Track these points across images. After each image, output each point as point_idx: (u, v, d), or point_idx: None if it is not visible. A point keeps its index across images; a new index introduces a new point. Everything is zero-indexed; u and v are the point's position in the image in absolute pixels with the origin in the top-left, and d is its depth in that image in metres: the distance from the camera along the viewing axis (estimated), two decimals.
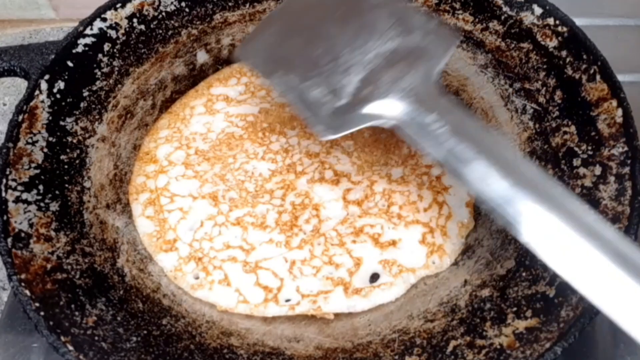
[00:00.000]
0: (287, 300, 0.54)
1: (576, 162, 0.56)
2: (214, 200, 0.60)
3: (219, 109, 0.67)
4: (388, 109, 0.51)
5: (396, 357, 0.50)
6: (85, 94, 0.61)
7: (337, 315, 0.54)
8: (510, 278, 0.52)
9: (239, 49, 0.62)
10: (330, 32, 0.58)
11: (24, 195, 0.52)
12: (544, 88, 0.61)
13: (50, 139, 0.57)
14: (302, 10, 0.61)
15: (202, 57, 0.70)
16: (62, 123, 0.58)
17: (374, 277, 0.56)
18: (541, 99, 0.61)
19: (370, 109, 0.52)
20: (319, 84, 0.55)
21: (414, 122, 0.49)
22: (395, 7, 0.58)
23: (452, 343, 0.49)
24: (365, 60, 0.54)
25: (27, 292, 0.47)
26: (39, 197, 0.53)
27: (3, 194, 0.51)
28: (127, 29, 0.64)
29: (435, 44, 0.55)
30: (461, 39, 0.67)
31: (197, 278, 0.56)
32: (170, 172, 0.62)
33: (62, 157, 0.57)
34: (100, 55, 0.62)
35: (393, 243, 0.57)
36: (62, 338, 0.45)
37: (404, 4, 0.60)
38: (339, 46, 0.56)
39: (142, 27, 0.65)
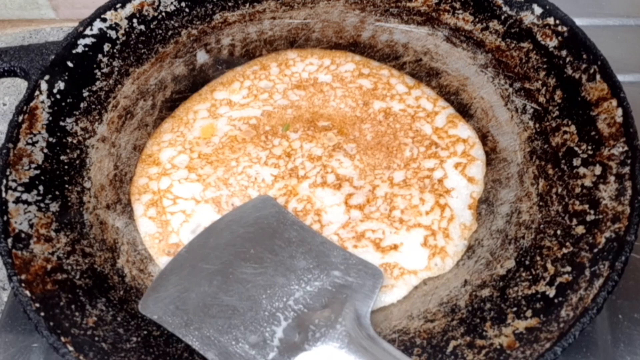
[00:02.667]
0: None
1: (576, 161, 0.56)
2: (217, 206, 0.60)
3: (222, 114, 0.67)
4: (321, 357, 0.46)
5: None
6: (85, 94, 0.61)
7: None
8: (510, 278, 0.52)
9: (141, 301, 0.52)
10: (244, 274, 0.52)
11: (24, 196, 0.52)
12: (544, 88, 0.61)
13: (50, 139, 0.57)
14: (209, 252, 0.55)
15: (202, 57, 0.70)
16: (62, 123, 0.58)
17: None
18: (541, 99, 0.61)
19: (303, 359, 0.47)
20: (240, 337, 0.49)
21: None
22: (312, 243, 0.55)
23: (452, 343, 0.49)
24: (289, 305, 0.50)
25: (28, 292, 0.47)
26: (39, 198, 0.53)
27: (3, 195, 0.51)
28: (127, 29, 0.64)
29: (359, 282, 0.52)
30: (462, 39, 0.68)
31: None
32: (173, 175, 0.62)
33: (62, 157, 0.57)
34: (100, 56, 0.62)
35: (394, 247, 0.57)
36: (62, 338, 0.45)
37: (319, 238, 0.55)
38: (257, 290, 0.51)
39: (142, 27, 0.65)
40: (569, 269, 0.49)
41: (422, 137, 0.64)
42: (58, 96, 0.58)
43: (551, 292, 0.49)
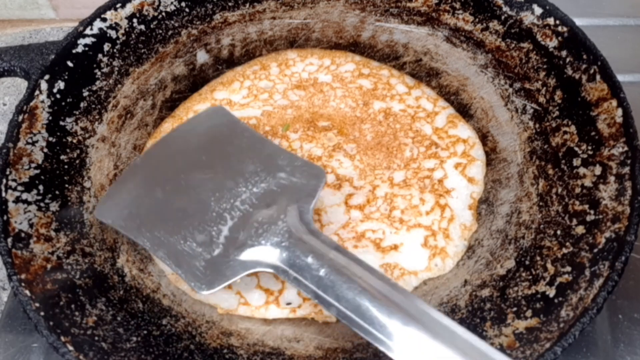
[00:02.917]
0: (288, 304, 0.54)
1: (576, 162, 0.56)
2: None
3: None
4: (264, 255, 0.48)
5: None
6: (85, 94, 0.61)
7: None
8: (510, 278, 0.52)
9: (96, 208, 0.55)
10: (195, 180, 0.55)
11: (24, 196, 0.52)
12: (544, 88, 0.61)
13: (50, 139, 0.57)
14: (163, 160, 0.58)
15: (202, 57, 0.70)
16: (62, 123, 0.58)
17: None
18: (541, 99, 0.61)
19: (245, 256, 0.49)
20: (188, 236, 0.51)
21: (292, 267, 0.47)
22: (260, 149, 0.57)
23: None
24: (235, 206, 0.52)
25: (27, 292, 0.47)
26: (39, 197, 0.53)
27: (3, 194, 0.51)
28: (127, 29, 0.64)
29: (303, 182, 0.53)
30: (462, 40, 0.68)
31: None
32: None
33: (62, 157, 0.57)
34: (100, 55, 0.62)
35: (395, 247, 0.57)
36: (62, 338, 0.45)
37: (268, 144, 0.58)
38: (206, 194, 0.54)
39: (142, 27, 0.65)
40: (569, 269, 0.49)
41: (422, 137, 0.64)
42: (58, 96, 0.58)
43: (551, 292, 0.49)
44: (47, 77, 0.58)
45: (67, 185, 0.56)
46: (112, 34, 0.63)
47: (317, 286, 0.45)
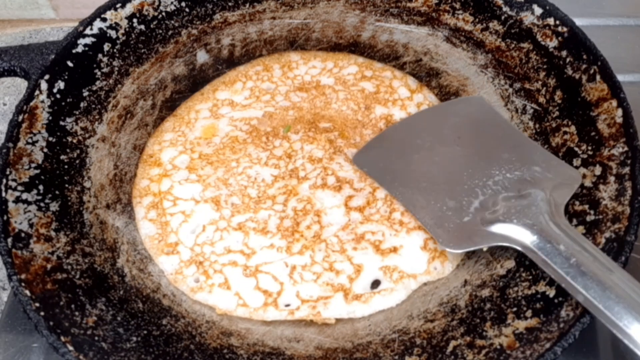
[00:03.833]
0: (287, 305, 0.54)
1: (576, 162, 0.56)
2: (216, 205, 0.60)
3: (224, 114, 0.67)
4: (515, 233, 0.50)
5: (396, 357, 0.50)
6: (85, 94, 0.61)
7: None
8: (510, 278, 0.52)
9: (355, 155, 0.62)
10: (449, 154, 0.59)
11: (24, 195, 0.52)
12: (544, 88, 0.61)
13: (50, 139, 0.57)
14: (422, 129, 0.62)
15: (202, 57, 0.70)
16: (62, 123, 0.58)
17: (375, 283, 0.55)
18: (541, 99, 0.61)
19: (495, 229, 0.51)
20: (439, 200, 0.55)
21: (541, 250, 0.48)
22: (517, 141, 0.59)
23: (452, 343, 0.49)
24: (487, 185, 0.55)
25: (27, 292, 0.47)
26: (39, 197, 0.53)
27: (3, 194, 0.51)
28: (127, 29, 0.64)
29: (558, 180, 0.54)
30: (462, 40, 0.68)
31: (197, 281, 0.56)
32: (174, 176, 0.62)
33: (62, 157, 0.57)
34: (100, 55, 0.62)
35: (394, 250, 0.57)
36: (62, 338, 0.45)
37: (525, 140, 0.60)
38: (459, 167, 0.57)
39: (142, 27, 0.65)
40: None
41: None
42: (58, 96, 0.58)
43: (551, 292, 0.48)
44: (47, 77, 0.58)
45: (67, 185, 0.56)
46: (112, 34, 0.63)
47: (566, 273, 0.46)
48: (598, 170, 0.53)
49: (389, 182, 0.59)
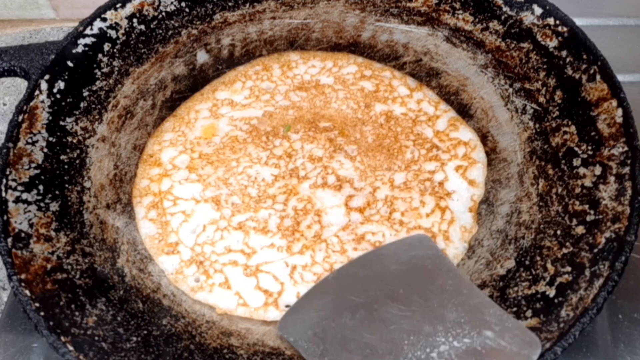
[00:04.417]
0: (287, 305, 0.54)
1: (576, 162, 0.56)
2: (216, 205, 0.60)
3: (224, 114, 0.67)
4: None
5: None
6: (85, 94, 0.61)
7: None
8: (510, 278, 0.52)
9: (280, 320, 0.52)
10: (389, 314, 0.50)
11: (24, 195, 0.52)
12: (544, 88, 0.61)
13: (50, 139, 0.57)
14: (357, 283, 0.53)
15: (202, 57, 0.70)
16: (62, 123, 0.58)
17: None
18: (541, 99, 0.61)
19: None
20: None
21: None
22: (466, 296, 0.50)
23: None
24: (431, 358, 0.46)
25: (27, 292, 0.47)
26: (39, 197, 0.53)
27: (3, 194, 0.51)
28: (127, 29, 0.64)
29: (513, 350, 0.46)
30: (462, 40, 0.68)
31: (197, 281, 0.56)
32: (174, 176, 0.62)
33: (62, 157, 0.57)
34: (100, 55, 0.62)
35: None
36: (62, 338, 0.45)
37: (476, 292, 0.51)
38: (401, 334, 0.48)
39: (142, 27, 0.65)
40: (569, 269, 0.49)
41: (423, 140, 0.64)
42: (58, 96, 0.58)
43: (551, 292, 0.48)
44: (47, 77, 0.58)
45: (67, 185, 0.56)
46: (112, 34, 0.63)
47: None
48: (598, 170, 0.53)
49: (319, 356, 0.49)
